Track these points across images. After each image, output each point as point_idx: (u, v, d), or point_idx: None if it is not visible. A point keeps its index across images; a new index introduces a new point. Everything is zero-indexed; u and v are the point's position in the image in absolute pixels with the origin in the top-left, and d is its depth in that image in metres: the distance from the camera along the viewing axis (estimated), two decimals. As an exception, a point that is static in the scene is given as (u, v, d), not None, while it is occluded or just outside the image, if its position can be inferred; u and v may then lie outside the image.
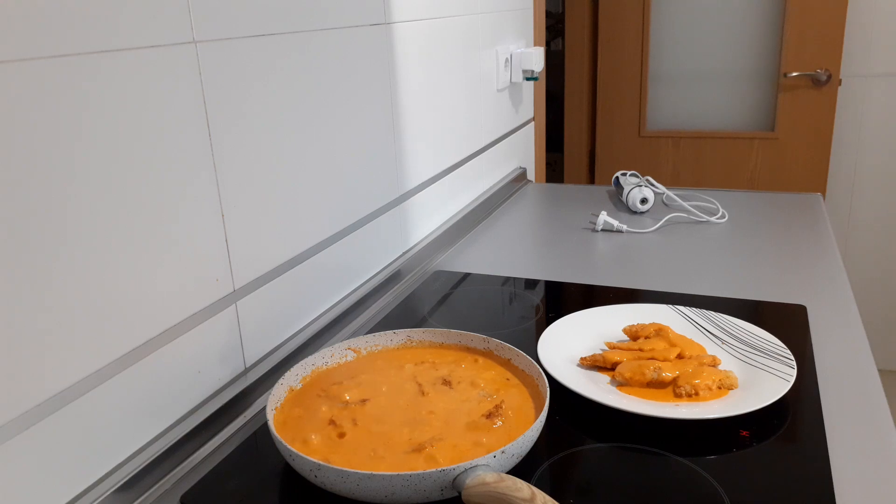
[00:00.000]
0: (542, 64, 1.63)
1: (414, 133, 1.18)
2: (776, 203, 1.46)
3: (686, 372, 0.77)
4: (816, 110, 2.53)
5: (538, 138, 1.91)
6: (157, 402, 0.70)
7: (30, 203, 0.56)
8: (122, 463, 0.67)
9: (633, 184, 1.45)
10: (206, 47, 0.72)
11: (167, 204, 0.69)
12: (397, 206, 1.15)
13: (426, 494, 0.60)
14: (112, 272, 0.64)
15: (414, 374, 0.79)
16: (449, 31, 1.28)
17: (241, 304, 0.81)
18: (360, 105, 1.01)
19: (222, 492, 0.66)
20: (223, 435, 0.76)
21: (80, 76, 0.59)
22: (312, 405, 0.73)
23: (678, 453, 0.68)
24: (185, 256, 0.72)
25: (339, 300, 1.00)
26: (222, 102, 0.75)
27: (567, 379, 0.77)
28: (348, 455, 0.65)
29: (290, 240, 0.88)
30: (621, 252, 1.24)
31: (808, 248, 1.21)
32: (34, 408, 0.57)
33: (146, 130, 0.66)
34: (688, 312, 0.93)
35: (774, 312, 0.97)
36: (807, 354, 0.85)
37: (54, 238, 0.58)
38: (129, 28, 0.63)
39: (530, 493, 0.56)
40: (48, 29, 0.56)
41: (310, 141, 0.90)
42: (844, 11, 2.41)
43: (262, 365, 0.84)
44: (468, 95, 1.39)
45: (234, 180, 0.78)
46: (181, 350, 0.73)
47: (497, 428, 0.69)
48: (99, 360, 0.63)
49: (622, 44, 2.72)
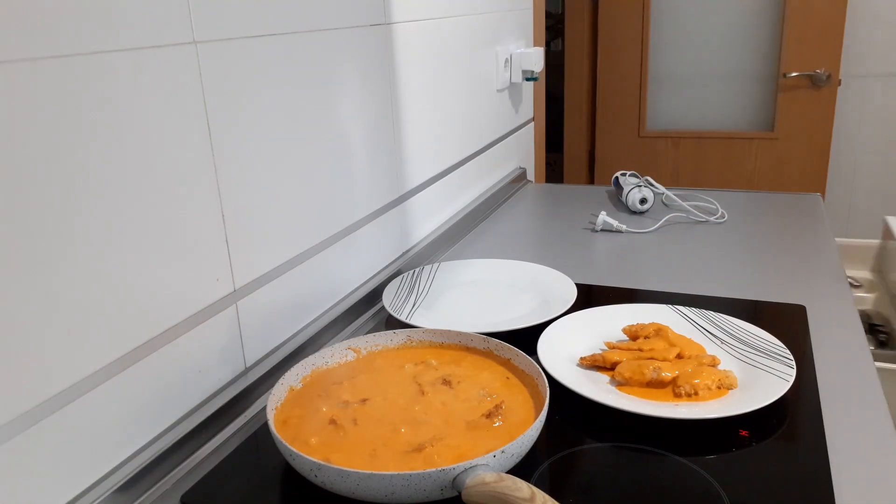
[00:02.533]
0: (541, 64, 1.63)
1: (414, 133, 1.18)
2: (776, 203, 1.46)
3: (685, 372, 0.77)
4: (816, 110, 2.54)
5: (538, 138, 1.91)
6: (158, 401, 0.70)
7: (30, 203, 0.56)
8: (122, 463, 0.67)
9: (633, 184, 1.45)
10: (206, 47, 0.72)
11: (167, 204, 0.69)
12: (397, 205, 1.15)
13: (426, 494, 0.60)
14: (112, 272, 0.64)
15: (414, 374, 0.79)
16: (449, 32, 1.28)
17: (241, 304, 0.81)
18: (360, 105, 1.01)
19: (222, 492, 0.66)
20: (223, 435, 0.76)
21: (80, 76, 0.59)
22: (313, 405, 0.73)
23: (678, 453, 0.68)
24: (186, 256, 0.72)
25: (339, 300, 1.00)
26: (222, 102, 0.75)
27: (567, 379, 0.77)
28: (348, 455, 0.65)
29: (290, 240, 0.88)
30: (621, 252, 1.24)
31: (808, 248, 1.21)
32: (34, 407, 0.58)
33: (146, 130, 0.66)
34: (687, 312, 0.93)
35: (774, 312, 0.97)
36: (806, 354, 0.85)
37: (54, 238, 0.58)
38: (129, 28, 0.63)
39: (530, 492, 0.56)
40: (48, 29, 0.56)
41: (310, 140, 0.90)
42: (844, 11, 2.41)
43: (262, 365, 0.84)
44: (468, 96, 1.39)
45: (234, 180, 0.78)
46: (181, 350, 0.73)
47: (497, 428, 0.69)
48: (99, 359, 0.63)
49: (622, 44, 2.72)
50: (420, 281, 1.09)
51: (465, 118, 1.39)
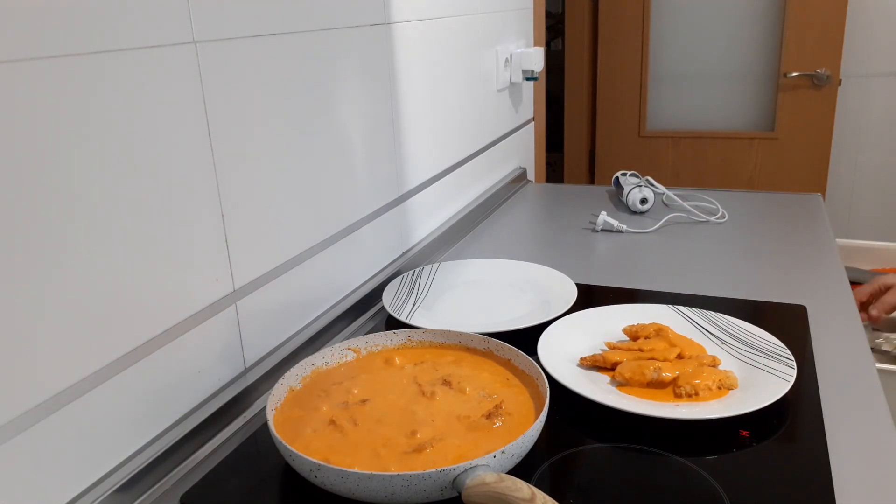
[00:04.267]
0: (542, 64, 1.63)
1: (414, 133, 1.18)
2: (776, 203, 1.46)
3: (686, 372, 0.77)
4: (816, 110, 2.53)
5: (538, 138, 1.91)
6: (158, 401, 0.70)
7: (29, 203, 0.56)
8: (122, 463, 0.67)
9: (633, 184, 1.45)
10: (206, 47, 0.72)
11: (167, 204, 0.69)
12: (397, 205, 1.15)
13: (426, 494, 0.60)
14: (112, 272, 0.64)
15: (414, 374, 0.79)
16: (449, 31, 1.28)
17: (241, 304, 0.81)
18: (360, 104, 1.01)
19: (222, 492, 0.66)
20: (223, 435, 0.76)
21: (80, 76, 0.59)
22: (312, 405, 0.73)
23: (678, 453, 0.68)
24: (185, 256, 0.72)
25: (339, 300, 1.00)
26: (222, 102, 0.75)
27: (567, 379, 0.77)
28: (348, 455, 0.65)
29: (290, 240, 0.88)
30: (621, 252, 1.24)
31: (808, 248, 1.21)
32: (34, 408, 0.57)
33: (146, 130, 0.66)
34: (688, 312, 0.93)
35: (774, 312, 0.97)
36: (807, 354, 0.85)
37: (54, 238, 0.58)
38: (129, 28, 0.63)
39: (530, 493, 0.56)
40: (48, 29, 0.56)
41: (310, 141, 0.90)
42: (844, 11, 2.41)
43: (262, 365, 0.84)
44: (468, 95, 1.39)
45: (234, 180, 0.78)
46: (181, 350, 0.73)
47: (497, 428, 0.69)
48: (99, 359, 0.63)
49: (622, 44, 2.72)
50: (420, 281, 1.09)
51: (465, 118, 1.38)
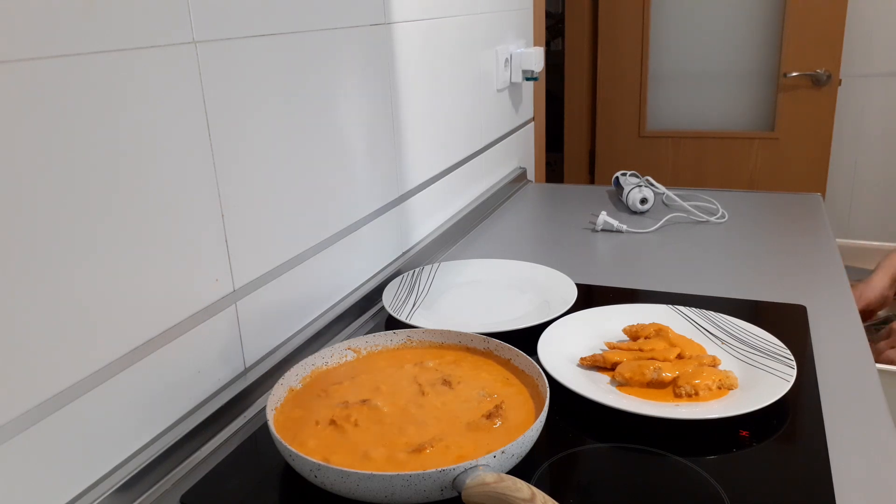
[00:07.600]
0: (541, 64, 1.63)
1: (414, 133, 1.18)
2: (776, 203, 1.46)
3: (686, 372, 0.77)
4: (816, 110, 2.53)
5: (538, 138, 1.91)
6: (157, 402, 0.70)
7: (29, 203, 0.56)
8: (122, 463, 0.67)
9: (633, 184, 1.45)
10: (206, 47, 0.72)
11: (167, 204, 0.69)
12: (397, 205, 1.15)
13: (426, 494, 0.60)
14: (112, 272, 0.64)
15: (414, 374, 0.79)
16: (449, 31, 1.28)
17: (241, 304, 0.81)
18: (360, 104, 1.01)
19: (222, 492, 0.66)
20: (223, 435, 0.76)
21: (80, 76, 0.59)
22: (312, 405, 0.73)
23: (678, 453, 0.68)
24: (185, 256, 0.72)
25: (339, 300, 1.00)
26: (222, 102, 0.75)
27: (567, 379, 0.77)
28: (348, 455, 0.65)
29: (289, 240, 0.88)
30: (621, 252, 1.24)
31: (808, 248, 1.21)
32: (34, 408, 0.57)
33: (146, 130, 0.66)
34: (688, 312, 0.93)
35: (774, 312, 0.97)
36: (807, 354, 0.85)
37: (54, 238, 0.58)
38: (128, 28, 0.63)
39: (530, 493, 0.56)
40: (47, 29, 0.56)
41: (310, 140, 0.90)
42: (844, 11, 2.41)
43: (262, 365, 0.84)
44: (468, 95, 1.39)
45: (234, 180, 0.78)
46: (181, 350, 0.73)
47: (497, 428, 0.69)
48: (99, 359, 0.63)
49: (622, 44, 2.72)
50: (420, 281, 1.09)
51: (465, 118, 1.38)
